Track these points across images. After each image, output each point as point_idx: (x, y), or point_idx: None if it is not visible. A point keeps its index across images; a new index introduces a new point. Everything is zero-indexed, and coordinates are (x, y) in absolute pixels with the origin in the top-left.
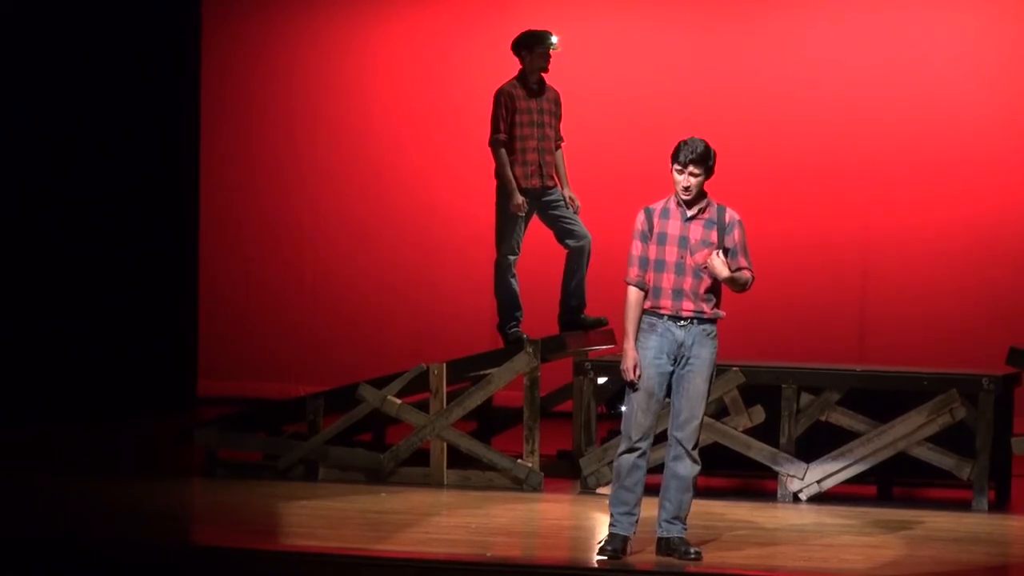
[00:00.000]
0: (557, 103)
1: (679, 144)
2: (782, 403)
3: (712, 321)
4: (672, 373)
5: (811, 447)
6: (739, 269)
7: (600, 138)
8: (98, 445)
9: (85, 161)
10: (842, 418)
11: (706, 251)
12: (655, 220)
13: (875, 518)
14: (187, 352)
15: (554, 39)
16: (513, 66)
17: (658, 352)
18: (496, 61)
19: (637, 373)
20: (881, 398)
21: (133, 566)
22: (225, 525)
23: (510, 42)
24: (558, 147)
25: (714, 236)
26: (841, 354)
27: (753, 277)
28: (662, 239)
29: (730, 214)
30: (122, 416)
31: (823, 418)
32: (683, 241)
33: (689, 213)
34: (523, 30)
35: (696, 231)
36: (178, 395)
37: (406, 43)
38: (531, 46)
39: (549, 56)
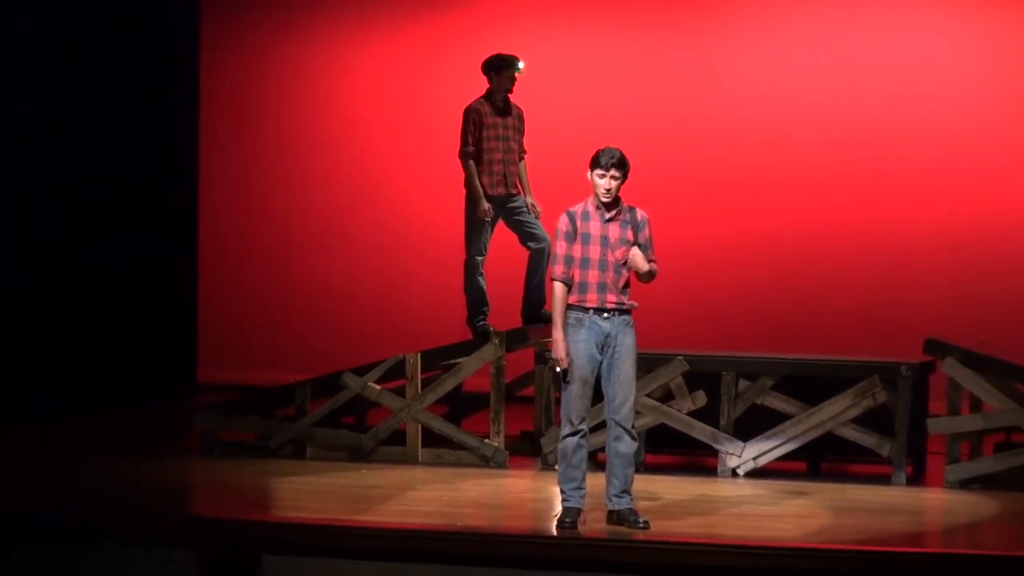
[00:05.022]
0: (520, 119)
1: (598, 152)
2: (722, 388)
3: (630, 311)
4: (601, 362)
5: (748, 428)
6: (651, 261)
7: (560, 151)
8: (108, 428)
9: (90, 162)
10: (776, 402)
11: (624, 248)
12: (578, 222)
13: (805, 491)
14: (188, 344)
15: (521, 64)
16: (480, 86)
17: (588, 344)
18: (465, 82)
19: (569, 360)
20: (811, 383)
21: (140, 535)
22: (223, 498)
23: (479, 64)
24: (521, 159)
25: (630, 234)
26: (775, 344)
27: (658, 269)
28: (586, 239)
29: (641, 213)
30: (129, 402)
31: (759, 401)
32: (604, 240)
33: (608, 215)
34: (491, 54)
35: (614, 230)
36: (180, 383)
37: (385, 66)
38: (500, 68)
39: (515, 79)
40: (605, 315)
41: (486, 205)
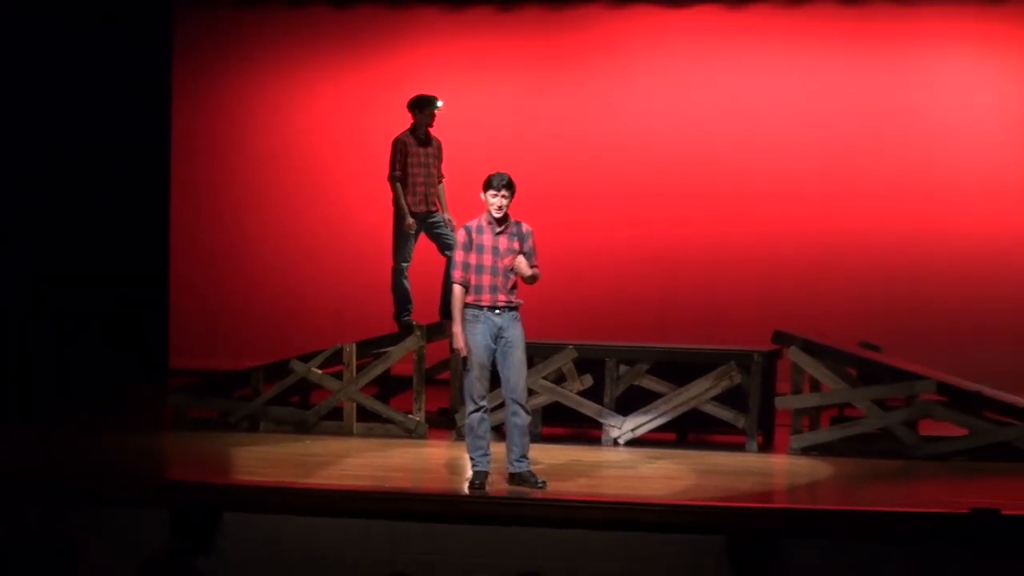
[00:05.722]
0: (439, 149)
1: (490, 176)
2: (606, 372)
3: (517, 308)
4: (495, 350)
5: (627, 405)
6: (533, 267)
7: (472, 175)
8: (93, 407)
9: (74, 169)
10: (650, 383)
11: (511, 256)
12: (473, 234)
13: (674, 457)
14: (160, 335)
15: (439, 103)
16: (407, 120)
17: (483, 335)
18: (396, 116)
19: (467, 349)
20: (679, 368)
21: (119, 497)
22: (190, 465)
23: (406, 102)
24: (440, 181)
25: (516, 244)
26: (650, 335)
27: (540, 273)
28: (480, 248)
29: (526, 227)
30: (110, 385)
31: (636, 383)
32: (495, 250)
33: (498, 229)
34: (415, 94)
35: (503, 241)
36: (153, 369)
37: (334, 103)
38: (422, 107)
39: (434, 115)
40: (496, 311)
41: (410, 220)
